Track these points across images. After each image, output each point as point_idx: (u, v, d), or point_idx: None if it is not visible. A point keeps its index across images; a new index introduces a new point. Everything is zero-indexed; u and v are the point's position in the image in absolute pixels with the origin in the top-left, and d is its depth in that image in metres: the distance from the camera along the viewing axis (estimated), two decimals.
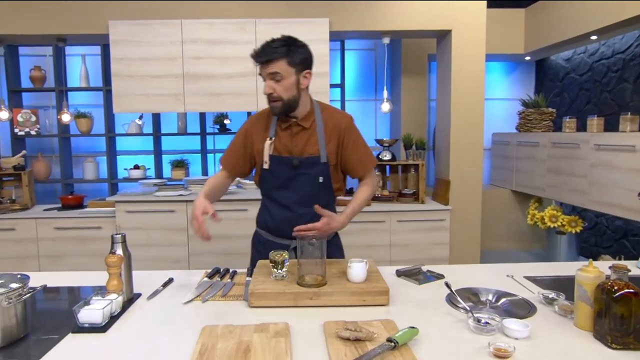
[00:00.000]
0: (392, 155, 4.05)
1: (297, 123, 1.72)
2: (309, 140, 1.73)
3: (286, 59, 1.60)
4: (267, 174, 1.76)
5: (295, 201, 1.76)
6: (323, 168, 1.73)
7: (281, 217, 1.78)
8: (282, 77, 1.61)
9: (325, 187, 1.77)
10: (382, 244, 3.76)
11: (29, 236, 3.49)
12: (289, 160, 1.72)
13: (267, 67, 1.60)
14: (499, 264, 1.86)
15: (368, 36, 4.00)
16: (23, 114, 4.14)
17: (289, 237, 1.75)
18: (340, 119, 1.78)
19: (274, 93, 1.62)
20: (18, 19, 3.46)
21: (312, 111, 1.75)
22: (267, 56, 1.59)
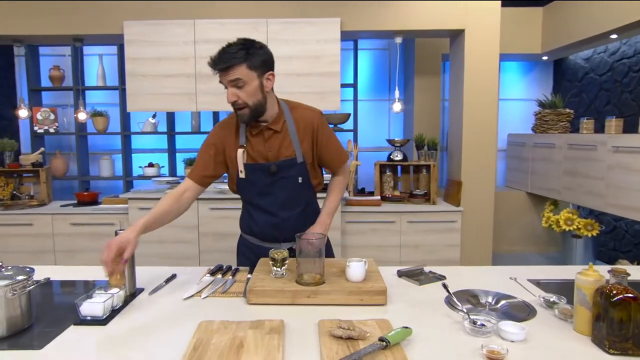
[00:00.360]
0: (404, 156, 4.03)
1: (267, 127, 1.67)
2: (283, 143, 1.69)
3: (245, 63, 1.52)
4: (244, 183, 1.72)
5: (278, 206, 1.74)
6: (301, 168, 1.72)
7: (265, 222, 1.76)
8: (244, 82, 1.53)
9: (306, 186, 1.76)
10: (392, 245, 3.75)
11: (46, 231, 3.59)
12: (265, 167, 1.67)
13: (227, 74, 1.52)
14: (503, 267, 1.84)
15: (380, 36, 3.99)
16: (42, 112, 4.25)
17: (276, 240, 1.77)
18: (311, 117, 1.72)
19: (239, 100, 1.55)
20: (37, 20, 3.56)
21: (280, 113, 1.70)
22: (225, 63, 1.51)
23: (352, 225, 3.72)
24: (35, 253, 3.62)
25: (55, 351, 1.15)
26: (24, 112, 3.75)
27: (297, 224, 1.74)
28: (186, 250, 3.59)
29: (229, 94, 1.55)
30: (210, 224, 3.56)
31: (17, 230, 3.60)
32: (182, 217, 3.49)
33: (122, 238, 1.38)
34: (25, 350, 1.16)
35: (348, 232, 3.72)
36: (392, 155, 4.03)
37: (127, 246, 1.38)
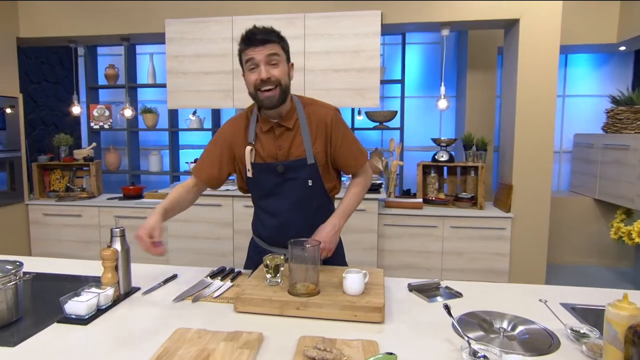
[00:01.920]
0: (450, 156, 3.77)
1: (279, 124, 1.56)
2: (294, 142, 1.57)
3: (280, 43, 1.48)
4: (252, 183, 1.63)
5: (285, 209, 1.62)
6: (311, 170, 1.57)
7: (273, 226, 1.66)
8: (278, 60, 1.46)
9: (317, 189, 1.61)
10: (433, 251, 3.52)
11: (93, 223, 3.77)
12: (273, 167, 1.56)
13: (265, 48, 1.43)
14: (535, 286, 1.60)
15: (425, 28, 3.74)
16: (98, 109, 4.47)
17: (283, 245, 1.62)
18: (324, 114, 1.59)
19: (272, 77, 1.44)
20: (88, 21, 3.73)
21: (293, 109, 1.58)
22: (265, 35, 1.44)
23: (390, 229, 3.54)
24: (83, 243, 3.81)
25: (27, 350, 1.13)
26: (77, 109, 3.96)
27: (305, 229, 1.60)
28: (220, 247, 3.61)
29: (264, 70, 1.43)
30: (244, 221, 3.54)
31: (68, 220, 3.81)
32: (217, 214, 3.56)
33: (147, 226, 1.43)
34: (1, 346, 1.15)
35: (385, 236, 3.54)
36: (437, 155, 3.78)
37: (154, 232, 1.42)
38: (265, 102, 1.48)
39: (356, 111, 4.53)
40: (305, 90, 3.50)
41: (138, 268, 1.77)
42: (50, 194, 4.00)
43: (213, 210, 3.58)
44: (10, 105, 3.68)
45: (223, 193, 3.54)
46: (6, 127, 3.65)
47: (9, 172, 3.71)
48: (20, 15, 3.81)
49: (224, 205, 3.56)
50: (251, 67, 1.46)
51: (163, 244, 1.43)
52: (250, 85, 1.48)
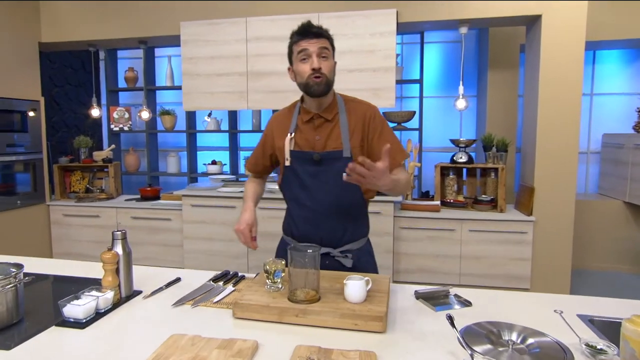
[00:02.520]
0: (469, 157, 3.66)
1: (319, 115, 1.62)
2: (332, 134, 1.61)
3: (329, 40, 1.57)
4: (289, 172, 1.66)
5: (318, 201, 1.62)
6: (347, 163, 1.51)
7: (304, 220, 1.66)
8: (328, 54, 1.55)
9: (351, 184, 1.55)
10: (450, 255, 3.42)
11: (110, 223, 3.82)
12: (309, 155, 1.60)
13: (319, 41, 1.53)
14: (552, 295, 1.51)
15: (443, 27, 3.65)
16: (118, 112, 4.55)
17: (313, 242, 1.60)
18: (364, 109, 1.64)
19: (322, 69, 1.52)
20: (106, 24, 3.79)
21: (334, 103, 1.63)
22: (319, 30, 1.54)
23: (406, 232, 3.46)
24: (101, 243, 3.87)
25: (23, 353, 1.13)
26: (96, 111, 4.03)
27: (338, 226, 1.62)
28: (234, 249, 3.60)
29: (315, 61, 1.51)
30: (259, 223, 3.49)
31: (87, 221, 3.88)
32: (231, 216, 3.55)
33: (248, 222, 1.64)
34: None
35: (402, 239, 3.47)
36: (456, 156, 3.68)
37: (252, 227, 1.64)
38: (313, 86, 1.54)
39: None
40: None
41: (142, 271, 1.77)
42: (71, 195, 4.08)
43: (227, 212, 3.57)
44: (32, 108, 3.77)
45: (237, 195, 3.54)
46: (28, 129, 3.74)
47: (32, 174, 3.80)
48: (42, 20, 3.90)
49: (237, 207, 3.55)
50: (303, 57, 1.54)
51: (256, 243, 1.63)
52: (302, 75, 1.55)
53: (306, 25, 1.55)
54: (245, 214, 1.66)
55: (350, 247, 1.66)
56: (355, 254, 1.66)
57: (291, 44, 1.58)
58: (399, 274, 3.50)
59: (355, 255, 1.66)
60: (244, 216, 1.66)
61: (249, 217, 1.65)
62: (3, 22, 3.55)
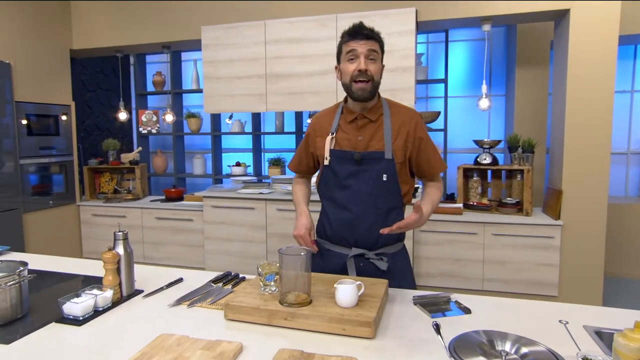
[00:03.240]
0: (493, 159, 3.54)
1: (363, 116, 1.60)
2: (375, 135, 1.60)
3: (379, 42, 1.56)
4: (327, 172, 1.65)
5: (356, 201, 1.60)
6: (388, 165, 1.57)
7: (340, 220, 1.64)
8: (376, 57, 1.54)
9: (391, 187, 1.59)
10: (473, 259, 3.32)
11: (136, 223, 3.94)
12: (350, 155, 1.59)
13: (368, 43, 1.51)
14: (557, 304, 1.43)
15: (464, 24, 3.55)
16: (146, 115, 4.69)
17: (347, 243, 1.63)
18: (410, 115, 1.64)
19: (369, 71, 1.51)
20: (131, 31, 3.93)
21: (379, 105, 1.63)
22: (370, 32, 1.53)
23: (426, 235, 3.39)
24: None
25: (21, 347, 1.17)
26: (123, 115, 4.17)
27: (373, 228, 1.59)
28: (253, 250, 3.63)
29: (363, 62, 1.50)
30: (277, 224, 3.54)
31: (114, 221, 4.02)
32: (251, 217, 3.59)
33: (307, 226, 1.64)
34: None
35: (422, 242, 3.39)
36: (480, 158, 3.57)
37: (311, 230, 1.64)
38: (357, 92, 1.54)
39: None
40: (337, 92, 3.44)
41: (147, 270, 1.80)
42: (100, 196, 4.25)
43: (247, 213, 3.61)
44: (64, 112, 3.95)
45: (256, 196, 3.57)
46: (60, 133, 3.92)
47: (63, 175, 3.98)
48: (73, 28, 4.08)
49: (257, 208, 3.58)
50: (351, 57, 1.53)
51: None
52: (347, 74, 1.54)
53: (357, 27, 1.54)
54: (302, 219, 1.65)
55: (386, 251, 1.64)
56: (391, 258, 1.64)
57: (341, 44, 1.58)
58: (419, 277, 3.43)
59: (391, 258, 1.64)
60: (301, 221, 1.64)
61: (307, 221, 1.64)
62: (37, 31, 3.74)
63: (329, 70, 3.39)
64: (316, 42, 3.42)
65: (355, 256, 1.63)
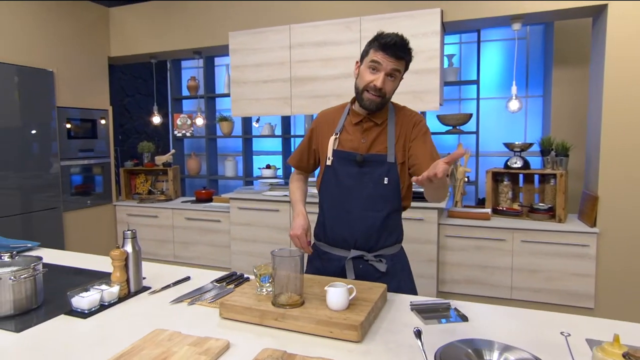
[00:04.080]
0: (524, 162, 3.41)
1: (369, 119, 1.61)
2: (378, 138, 1.60)
3: (406, 59, 1.52)
4: (329, 172, 1.66)
5: (356, 203, 1.61)
6: (389, 168, 1.58)
7: (338, 221, 1.64)
8: (397, 76, 1.53)
9: (391, 191, 1.59)
10: (501, 267, 3.20)
11: (167, 223, 4.09)
12: (352, 156, 1.59)
13: (396, 62, 1.49)
14: (564, 315, 1.36)
15: (492, 24, 3.44)
16: (181, 118, 4.86)
17: (346, 244, 1.63)
18: (412, 116, 1.64)
19: (384, 89, 1.51)
20: (164, 37, 4.09)
21: (386, 109, 1.62)
22: (402, 52, 1.48)
23: (452, 240, 3.30)
24: (159, 242, 4.16)
25: (28, 336, 1.25)
26: (157, 118, 4.34)
27: (372, 230, 1.60)
28: None
29: (381, 80, 1.49)
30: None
31: (147, 221, 4.19)
32: (275, 219, 3.63)
33: (304, 227, 1.60)
34: (8, 331, 1.29)
35: (447, 248, 3.31)
36: (510, 161, 3.44)
37: (307, 231, 1.61)
38: (366, 103, 1.55)
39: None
40: None
41: (159, 268, 1.87)
42: (135, 196, 4.44)
43: (272, 215, 3.66)
44: (102, 117, 4.17)
45: (280, 198, 3.61)
46: (98, 136, 4.14)
47: (100, 176, 4.20)
48: (111, 36, 4.31)
49: (281, 210, 3.62)
50: (373, 67, 1.51)
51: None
52: (363, 81, 1.54)
53: (390, 41, 1.47)
54: (299, 219, 1.64)
55: (385, 252, 1.64)
56: (390, 259, 1.64)
57: (369, 46, 1.54)
58: (444, 284, 3.35)
59: (390, 260, 1.64)
60: (298, 221, 1.63)
61: (303, 222, 1.63)
62: (78, 40, 3.98)
63: (352, 73, 3.38)
64: (340, 45, 3.43)
65: (354, 258, 1.62)
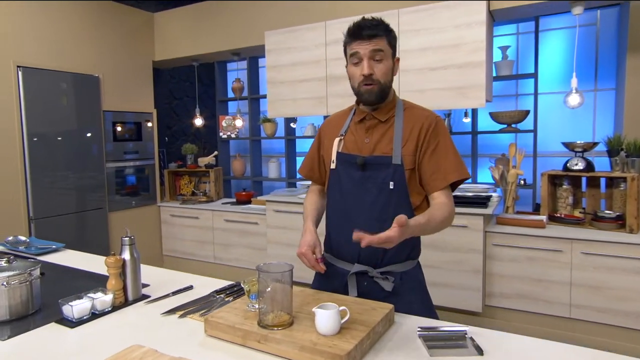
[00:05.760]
0: (587, 164, 3.02)
1: (372, 116, 1.46)
2: (383, 138, 1.44)
3: (387, 37, 1.40)
4: (333, 177, 1.53)
5: (359, 211, 1.45)
6: (395, 171, 1.40)
7: (342, 231, 1.49)
8: (383, 56, 1.38)
9: (399, 197, 1.41)
10: (557, 281, 2.86)
11: (207, 225, 4.11)
12: (353, 159, 1.45)
13: (371, 42, 1.37)
14: (602, 353, 1.11)
15: (548, 10, 3.08)
16: (226, 120, 4.89)
17: (350, 258, 1.47)
18: (423, 116, 1.46)
19: (374, 75, 1.38)
20: (203, 40, 4.12)
21: (392, 106, 1.48)
22: (372, 30, 1.37)
23: (501, 250, 3.00)
24: (200, 243, 4.19)
25: (14, 344, 1.22)
26: (199, 120, 4.39)
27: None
28: None
29: (366, 66, 1.38)
30: None
31: (188, 221, 4.24)
32: None
33: (309, 243, 1.44)
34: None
35: (495, 258, 3.01)
36: (570, 163, 3.07)
37: (315, 248, 1.44)
38: (365, 96, 1.43)
39: (462, 113, 4.04)
40: (399, 92, 3.22)
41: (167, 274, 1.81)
42: (179, 197, 4.52)
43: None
44: (146, 119, 4.29)
45: None
46: (143, 138, 4.26)
47: (145, 178, 4.32)
48: (155, 40, 4.41)
49: None
50: (355, 61, 1.42)
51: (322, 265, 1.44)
52: (354, 79, 1.44)
53: (357, 26, 1.39)
54: (306, 236, 1.49)
55: (393, 269, 1.45)
56: (399, 278, 1.45)
57: (344, 44, 1.46)
58: (491, 297, 3.05)
59: (399, 278, 1.45)
60: (304, 238, 1.49)
61: (310, 238, 1.47)
62: (124, 46, 4.12)
63: None
64: None
65: (358, 274, 1.45)
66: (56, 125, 3.54)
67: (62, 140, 3.58)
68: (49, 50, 3.51)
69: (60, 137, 3.58)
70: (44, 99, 3.45)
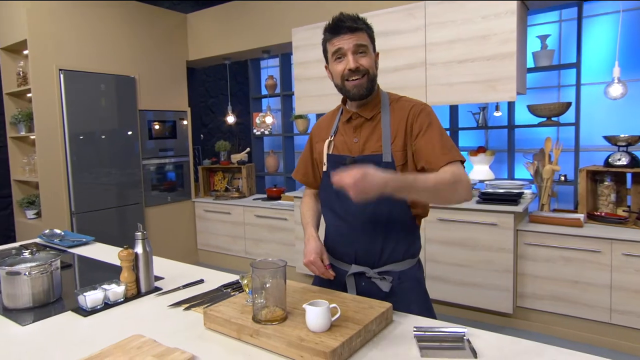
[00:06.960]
0: (631, 159, 2.82)
1: (358, 114, 1.44)
2: (372, 136, 1.42)
3: (367, 31, 1.39)
4: (326, 179, 1.51)
5: (353, 211, 1.43)
6: (386, 169, 1.35)
7: (338, 233, 1.49)
8: (366, 50, 1.37)
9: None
10: (595, 284, 2.70)
11: (239, 220, 4.19)
12: (342, 160, 1.43)
13: (353, 37, 1.35)
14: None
15: None
16: (260, 117, 4.96)
17: (347, 258, 1.47)
18: (408, 106, 1.41)
19: (361, 67, 1.36)
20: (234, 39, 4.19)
21: (377, 101, 1.45)
22: (354, 23, 1.36)
23: (534, 249, 2.87)
24: (232, 238, 4.29)
25: (31, 330, 1.31)
26: (231, 118, 4.48)
27: (375, 242, 1.41)
28: None
29: (352, 59, 1.35)
30: None
31: (221, 217, 4.35)
32: None
33: (316, 250, 1.42)
34: (16, 323, 1.36)
35: (528, 257, 2.88)
36: (611, 158, 2.88)
37: (322, 254, 1.43)
38: (353, 91, 1.40)
39: (493, 106, 3.88)
40: (426, 86, 3.13)
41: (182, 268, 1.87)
42: (212, 193, 4.64)
43: None
44: (181, 117, 4.43)
45: None
46: (177, 136, 4.40)
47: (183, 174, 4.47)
48: (189, 40, 4.54)
49: None
50: (338, 57, 1.40)
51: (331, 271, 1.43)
52: (337, 76, 1.42)
53: (337, 21, 1.38)
54: (311, 243, 1.45)
55: (392, 269, 1.43)
56: (397, 277, 1.42)
57: (324, 42, 1.45)
58: (524, 298, 2.92)
59: (397, 278, 1.42)
60: (309, 246, 1.45)
61: (316, 245, 1.44)
62: (158, 46, 4.27)
63: (417, 63, 3.11)
64: (403, 34, 3.16)
65: (356, 274, 1.43)
66: (95, 125, 3.73)
67: (101, 138, 3.77)
68: (88, 54, 3.71)
69: (103, 135, 3.78)
70: (84, 100, 3.65)
